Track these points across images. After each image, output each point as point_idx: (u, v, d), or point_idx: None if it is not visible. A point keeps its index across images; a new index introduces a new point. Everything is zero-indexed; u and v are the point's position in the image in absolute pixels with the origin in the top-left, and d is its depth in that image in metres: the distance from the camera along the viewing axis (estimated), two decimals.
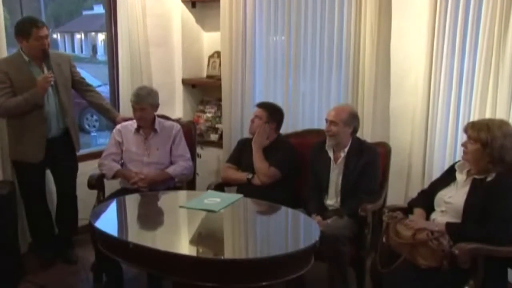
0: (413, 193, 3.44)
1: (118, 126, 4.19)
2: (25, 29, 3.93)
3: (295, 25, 4.58)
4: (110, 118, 4.54)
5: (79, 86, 4.35)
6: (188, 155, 4.18)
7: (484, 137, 2.81)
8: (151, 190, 3.89)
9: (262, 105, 4.15)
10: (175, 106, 5.34)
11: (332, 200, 3.64)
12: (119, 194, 3.86)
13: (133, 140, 4.10)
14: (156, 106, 4.11)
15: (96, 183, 4.02)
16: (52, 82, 3.96)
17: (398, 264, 2.80)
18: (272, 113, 4.08)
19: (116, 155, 4.11)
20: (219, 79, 5.04)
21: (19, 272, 4.02)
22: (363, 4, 4.14)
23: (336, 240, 3.21)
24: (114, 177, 4.04)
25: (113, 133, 4.18)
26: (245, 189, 3.82)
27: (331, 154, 3.65)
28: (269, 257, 2.63)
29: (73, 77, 4.27)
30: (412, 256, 2.80)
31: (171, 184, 4.08)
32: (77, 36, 8.78)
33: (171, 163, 4.10)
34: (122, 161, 4.13)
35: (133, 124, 4.12)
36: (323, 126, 3.76)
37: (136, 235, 2.99)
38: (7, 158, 4.17)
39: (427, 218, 3.02)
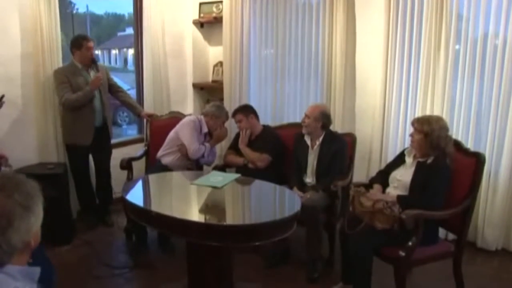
0: (373, 173, 3.46)
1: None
2: (78, 42, 4.02)
3: (282, 41, 4.60)
4: (135, 113, 4.57)
5: (113, 88, 4.37)
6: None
7: (426, 129, 2.84)
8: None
9: (235, 112, 4.13)
10: (187, 104, 5.32)
11: (309, 178, 3.65)
12: (158, 170, 3.85)
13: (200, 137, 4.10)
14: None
15: (126, 165, 4.04)
16: (101, 81, 4.02)
17: (361, 227, 2.83)
18: (244, 110, 4.08)
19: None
20: (222, 83, 5.04)
21: (72, 232, 4.09)
22: (334, 25, 4.18)
23: (313, 209, 3.24)
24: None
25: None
26: (242, 170, 3.83)
27: (308, 142, 3.66)
28: (261, 223, 2.64)
29: (108, 82, 4.29)
30: (371, 221, 2.82)
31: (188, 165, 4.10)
32: (113, 51, 8.83)
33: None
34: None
35: (203, 126, 4.12)
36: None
37: (157, 205, 2.98)
38: (61, 144, 4.20)
39: (383, 191, 3.04)
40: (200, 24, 5.26)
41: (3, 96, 3.40)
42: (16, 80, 3.99)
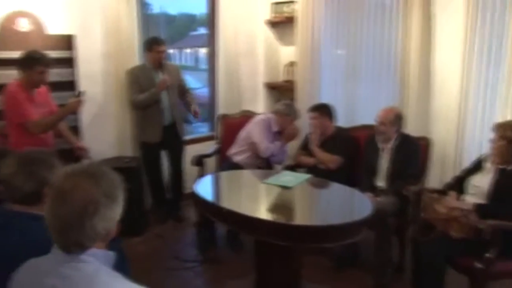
0: (447, 178, 3.34)
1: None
2: (149, 45, 4.16)
3: (354, 41, 4.52)
4: (189, 111, 4.52)
5: (181, 89, 4.44)
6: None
7: (509, 135, 2.70)
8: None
9: (311, 108, 4.06)
10: (258, 103, 5.35)
11: (380, 182, 3.56)
12: (229, 168, 3.94)
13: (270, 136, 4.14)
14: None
15: (198, 161, 4.14)
16: (168, 84, 4.13)
17: (434, 235, 2.74)
18: (320, 109, 4.01)
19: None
20: (292, 83, 5.04)
21: (144, 224, 4.25)
22: (409, 24, 4.03)
23: (384, 214, 3.16)
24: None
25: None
26: (313, 171, 3.81)
27: (380, 145, 3.59)
28: (330, 225, 2.61)
29: (179, 82, 4.40)
30: (445, 229, 2.73)
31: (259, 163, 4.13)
32: (185, 51, 9.11)
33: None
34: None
35: (273, 125, 4.15)
36: (372, 122, 3.69)
37: (227, 202, 3.02)
38: (136, 140, 4.39)
39: (459, 198, 2.93)
40: (272, 24, 5.29)
41: (80, 92, 3.56)
42: (97, 77, 4.22)
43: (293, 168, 4.05)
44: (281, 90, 5.40)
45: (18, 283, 1.41)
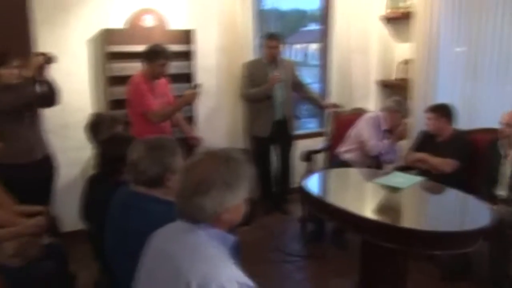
0: None
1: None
2: (263, 40, 4.28)
3: (476, 38, 4.22)
4: (319, 105, 4.67)
5: (296, 85, 4.47)
6: None
7: None
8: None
9: (430, 109, 3.85)
10: (370, 101, 5.22)
11: (502, 191, 3.31)
12: (338, 165, 3.92)
13: (379, 135, 4.04)
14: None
15: (307, 157, 4.18)
16: (280, 80, 4.20)
17: None
18: (438, 110, 3.80)
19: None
20: (406, 81, 4.85)
21: (252, 214, 4.35)
22: None
23: (503, 224, 2.94)
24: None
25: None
26: (426, 173, 3.61)
27: (503, 151, 3.34)
28: (441, 232, 2.48)
29: (293, 79, 4.44)
30: None
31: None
32: (295, 46, 9.20)
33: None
34: None
35: (381, 122, 4.05)
36: (494, 126, 3.46)
37: (335, 198, 2.99)
38: (247, 133, 4.52)
39: None
40: (387, 20, 5.13)
41: (196, 84, 3.72)
42: (212, 71, 4.42)
43: (404, 169, 3.90)
44: (394, 89, 5.22)
45: (150, 249, 1.54)
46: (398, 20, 5.02)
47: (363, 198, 3.15)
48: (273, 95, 4.27)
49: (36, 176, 3.20)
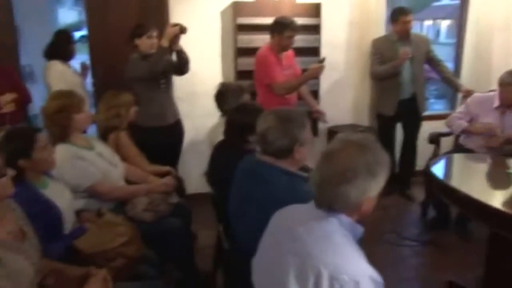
0: None
1: (477, 99, 3.73)
2: (395, 15, 4.09)
3: None
4: (454, 87, 4.34)
5: (432, 62, 4.25)
6: None
7: None
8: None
9: None
10: None
11: None
12: (454, 151, 3.70)
13: (490, 114, 3.60)
14: None
15: (435, 139, 3.97)
16: (409, 57, 4.01)
17: None
18: None
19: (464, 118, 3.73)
20: None
21: None
22: None
23: None
24: (462, 132, 3.73)
25: (467, 103, 3.75)
26: None
27: None
28: None
29: (428, 55, 4.21)
30: None
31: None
32: (425, 22, 8.63)
33: None
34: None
35: (494, 100, 3.58)
36: None
37: (462, 184, 2.76)
38: (373, 110, 4.45)
39: None
40: None
41: (323, 58, 3.64)
42: (341, 46, 4.36)
43: None
44: None
45: (274, 224, 1.57)
46: None
47: (493, 187, 2.90)
48: (401, 72, 4.10)
49: (167, 139, 3.47)
